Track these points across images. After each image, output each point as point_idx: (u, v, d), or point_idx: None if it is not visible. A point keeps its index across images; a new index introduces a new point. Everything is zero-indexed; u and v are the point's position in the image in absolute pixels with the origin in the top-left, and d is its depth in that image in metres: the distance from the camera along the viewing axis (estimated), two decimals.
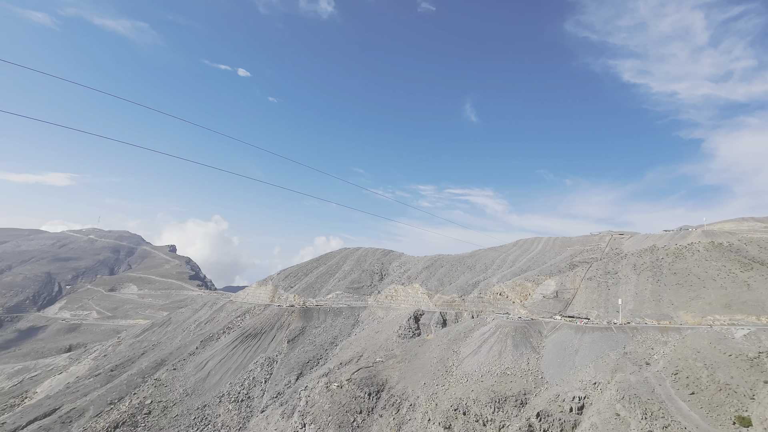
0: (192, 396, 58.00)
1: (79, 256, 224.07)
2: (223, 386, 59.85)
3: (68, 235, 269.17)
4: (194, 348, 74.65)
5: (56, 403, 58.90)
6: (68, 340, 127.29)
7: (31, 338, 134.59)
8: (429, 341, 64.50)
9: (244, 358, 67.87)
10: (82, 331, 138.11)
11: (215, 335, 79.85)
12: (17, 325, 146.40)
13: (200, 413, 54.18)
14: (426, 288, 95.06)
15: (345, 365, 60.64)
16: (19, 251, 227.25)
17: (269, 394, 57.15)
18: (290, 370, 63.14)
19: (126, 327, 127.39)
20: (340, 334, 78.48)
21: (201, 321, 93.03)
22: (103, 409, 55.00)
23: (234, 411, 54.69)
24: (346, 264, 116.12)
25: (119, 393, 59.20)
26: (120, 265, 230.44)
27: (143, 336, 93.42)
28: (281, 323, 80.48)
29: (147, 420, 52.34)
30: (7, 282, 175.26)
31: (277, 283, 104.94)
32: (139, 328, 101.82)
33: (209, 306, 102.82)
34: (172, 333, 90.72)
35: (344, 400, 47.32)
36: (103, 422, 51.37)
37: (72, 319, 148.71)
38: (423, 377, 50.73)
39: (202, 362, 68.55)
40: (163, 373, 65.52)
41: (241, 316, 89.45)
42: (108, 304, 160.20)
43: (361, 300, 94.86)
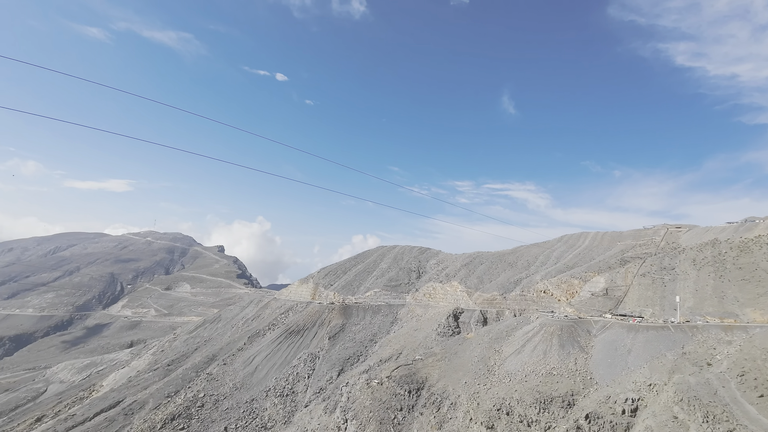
0: (241, 390, 60.87)
1: (138, 257, 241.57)
2: (269, 381, 62.28)
3: (128, 238, 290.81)
4: (242, 344, 78.17)
5: (120, 396, 63.95)
6: (130, 337, 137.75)
7: (97, 335, 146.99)
8: (469, 340, 63.46)
9: (288, 354, 70.22)
10: (142, 328, 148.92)
11: (261, 331, 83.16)
12: (85, 322, 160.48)
13: (248, 407, 56.77)
14: (465, 286, 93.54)
15: (385, 362, 61.12)
16: (86, 253, 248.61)
17: (312, 389, 58.86)
18: (332, 366, 64.58)
19: (180, 324, 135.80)
20: (379, 331, 79.13)
21: (248, 318, 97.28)
22: (162, 401, 59.01)
23: (279, 405, 56.83)
24: (383, 262, 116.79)
25: (175, 386, 63.21)
26: (174, 265, 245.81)
27: (196, 332, 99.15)
28: (322, 320, 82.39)
29: (200, 413, 55.57)
30: (77, 282, 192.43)
31: (318, 281, 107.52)
32: (193, 325, 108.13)
33: (255, 303, 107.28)
34: (222, 329, 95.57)
35: (385, 397, 47.68)
36: (161, 414, 55.14)
37: (133, 317, 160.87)
38: (464, 376, 50.02)
39: (249, 357, 71.67)
40: (214, 367, 69.24)
41: (285, 313, 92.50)
42: (164, 302, 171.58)
43: (398, 298, 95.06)
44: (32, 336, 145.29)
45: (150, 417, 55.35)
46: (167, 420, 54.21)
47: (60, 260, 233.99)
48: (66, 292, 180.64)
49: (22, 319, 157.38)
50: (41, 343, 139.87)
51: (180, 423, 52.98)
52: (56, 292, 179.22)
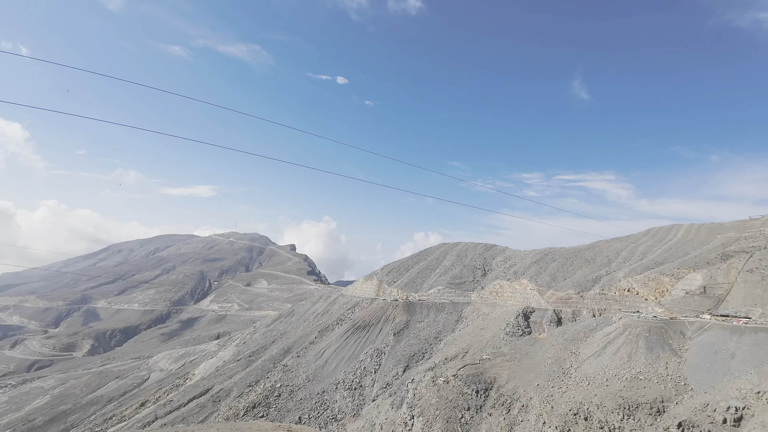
0: (313, 382, 64.02)
1: (222, 256, 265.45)
2: (339, 374, 64.68)
3: (214, 239, 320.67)
4: (313, 337, 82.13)
5: (209, 384, 70.78)
6: (217, 329, 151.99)
7: (190, 327, 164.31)
8: (541, 340, 59.97)
9: (355, 349, 72.28)
10: (227, 321, 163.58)
11: (330, 326, 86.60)
12: (180, 316, 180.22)
13: (320, 398, 59.52)
14: (536, 284, 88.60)
15: (450, 361, 60.21)
16: (180, 253, 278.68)
17: (379, 384, 60.01)
18: (397, 362, 65.22)
19: (259, 317, 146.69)
20: (443, 329, 78.14)
21: (318, 313, 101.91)
22: (244, 390, 64.21)
23: (348, 398, 58.80)
24: (446, 259, 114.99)
25: (256, 377, 68.36)
26: (253, 263, 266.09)
27: (273, 326, 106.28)
28: (387, 316, 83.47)
29: (277, 402, 59.51)
30: (173, 280, 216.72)
31: (381, 278, 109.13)
32: (270, 319, 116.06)
33: (324, 299, 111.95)
34: (296, 323, 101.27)
35: (451, 395, 46.94)
36: (244, 402, 60.02)
37: (219, 311, 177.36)
38: (536, 378, 47.39)
39: (320, 351, 75.04)
40: (289, 359, 73.65)
41: (351, 308, 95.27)
42: (245, 298, 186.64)
43: (463, 295, 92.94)
44: (137, 328, 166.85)
45: (234, 404, 60.46)
46: (249, 408, 58.81)
47: (159, 260, 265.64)
48: (164, 288, 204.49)
49: (129, 313, 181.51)
50: (145, 335, 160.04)
51: (260, 411, 57.25)
52: (156, 289, 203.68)
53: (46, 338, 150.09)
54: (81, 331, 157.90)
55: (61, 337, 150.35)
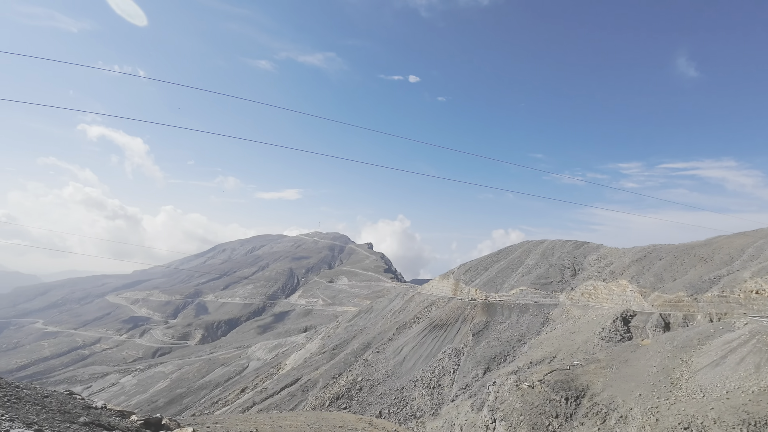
0: (392, 378, 64.77)
1: (308, 254, 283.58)
2: (417, 372, 64.51)
3: (301, 238, 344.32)
4: (391, 334, 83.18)
5: (298, 374, 75.73)
6: (304, 323, 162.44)
7: (282, 321, 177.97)
8: (644, 347, 52.92)
9: (433, 347, 71.48)
10: (313, 315, 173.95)
11: (407, 324, 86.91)
12: (273, 310, 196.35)
13: (399, 394, 59.95)
14: (637, 285, 78.77)
15: (536, 365, 56.15)
16: (272, 252, 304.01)
17: (458, 385, 58.42)
18: (477, 364, 62.89)
19: (341, 313, 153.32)
20: (527, 331, 73.34)
21: (395, 310, 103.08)
22: (329, 382, 67.42)
23: (427, 396, 58.25)
24: (529, 258, 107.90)
25: (339, 369, 71.35)
26: (335, 261, 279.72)
27: (353, 321, 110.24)
28: (465, 316, 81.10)
29: (359, 395, 61.36)
30: (266, 276, 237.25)
31: (458, 277, 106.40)
32: (351, 314, 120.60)
33: (401, 297, 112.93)
34: (374, 319, 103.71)
35: (537, 401, 43.71)
36: (329, 393, 62.99)
37: (306, 305, 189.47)
38: (637, 387, 41.92)
39: (398, 347, 75.69)
40: (369, 354, 75.55)
41: (428, 307, 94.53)
42: (329, 293, 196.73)
43: (549, 297, 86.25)
44: (238, 320, 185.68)
45: (320, 395, 63.81)
46: (333, 399, 61.55)
47: (255, 258, 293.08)
48: (260, 284, 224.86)
49: (232, 306, 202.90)
50: (244, 326, 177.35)
51: (343, 403, 59.58)
52: (254, 285, 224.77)
53: (167, 328, 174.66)
54: (194, 322, 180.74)
55: (178, 328, 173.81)
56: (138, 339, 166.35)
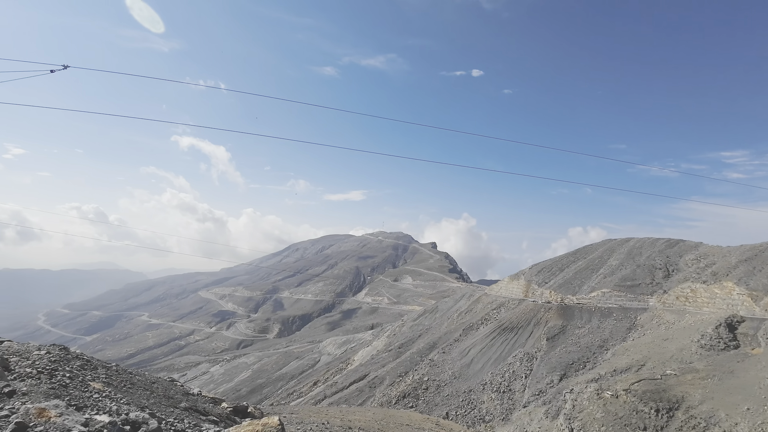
0: (459, 379, 63.70)
1: (373, 254, 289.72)
2: (485, 375, 62.70)
3: (366, 238, 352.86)
4: (458, 335, 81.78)
5: (366, 370, 77.71)
6: (371, 320, 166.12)
7: (350, 318, 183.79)
8: (755, 356, 45.89)
9: (502, 351, 68.94)
10: (379, 313, 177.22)
11: (474, 325, 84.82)
12: (341, 307, 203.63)
13: (467, 397, 58.77)
14: (746, 287, 68.60)
15: (621, 373, 51.39)
16: (340, 251, 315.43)
17: (531, 390, 55.62)
18: (552, 369, 59.31)
19: (406, 312, 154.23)
20: (610, 337, 67.44)
21: (461, 311, 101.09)
22: (395, 380, 68.28)
23: (497, 400, 56.33)
24: (612, 258, 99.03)
25: (405, 368, 71.94)
26: (399, 260, 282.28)
27: (418, 320, 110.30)
28: (538, 319, 76.95)
29: (425, 395, 61.31)
30: (335, 274, 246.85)
31: (530, 278, 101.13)
32: (415, 314, 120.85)
33: (467, 297, 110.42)
34: (439, 320, 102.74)
35: (621, 412, 40.08)
36: (395, 391, 63.80)
37: (372, 303, 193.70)
38: (744, 401, 36.50)
39: (465, 349, 74.21)
40: (435, 355, 75.11)
41: (497, 309, 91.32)
42: (394, 292, 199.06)
43: (637, 300, 78.41)
44: (310, 316, 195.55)
45: (387, 392, 64.89)
46: (400, 397, 62.23)
47: (325, 257, 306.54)
48: (330, 282, 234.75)
49: (305, 302, 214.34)
50: (316, 322, 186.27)
51: (409, 401, 59.98)
52: (324, 282, 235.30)
53: (249, 322, 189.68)
54: (271, 317, 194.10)
55: (258, 322, 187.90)
56: (225, 331, 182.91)
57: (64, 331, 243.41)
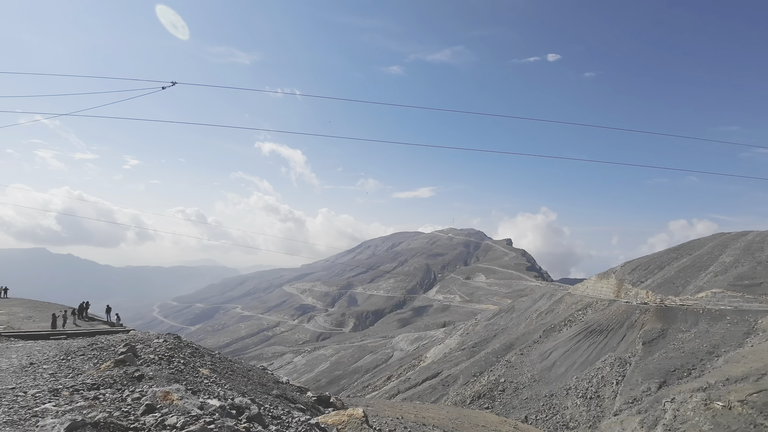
0: (539, 383, 60.49)
1: (443, 251, 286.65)
2: (569, 379, 58.72)
3: (435, 235, 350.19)
4: (537, 336, 77.66)
5: (438, 368, 77.43)
6: (442, 318, 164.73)
7: (421, 315, 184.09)
8: None
9: (589, 354, 63.94)
10: (451, 311, 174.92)
11: (556, 327, 79.85)
12: (412, 304, 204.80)
13: (548, 401, 55.60)
14: None
15: (735, 383, 44.61)
16: (410, 248, 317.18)
17: (623, 398, 50.73)
18: (648, 376, 53.53)
19: (480, 311, 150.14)
20: (722, 342, 58.87)
21: (541, 311, 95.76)
22: (469, 379, 67.06)
23: (582, 407, 52.41)
24: (725, 254, 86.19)
25: (479, 368, 70.31)
26: (470, 257, 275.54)
27: (493, 320, 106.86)
28: (632, 322, 69.97)
29: (501, 396, 59.27)
30: (405, 271, 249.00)
31: (622, 277, 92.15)
32: (490, 313, 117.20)
33: (547, 297, 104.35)
34: (516, 320, 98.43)
35: (735, 425, 35.01)
36: (470, 391, 62.64)
37: (443, 301, 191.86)
38: None
39: (546, 351, 70.24)
40: (512, 356, 72.22)
41: (582, 309, 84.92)
42: (466, 290, 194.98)
43: (756, 301, 67.40)
44: (383, 312, 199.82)
45: (461, 391, 64.02)
46: (475, 397, 61.01)
47: (395, 254, 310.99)
48: (400, 278, 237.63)
49: (377, 298, 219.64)
50: (388, 318, 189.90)
51: (484, 402, 58.49)
52: (395, 279, 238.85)
53: (327, 315, 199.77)
54: (347, 311, 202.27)
55: (335, 316, 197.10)
56: (306, 324, 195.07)
57: (174, 322, 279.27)
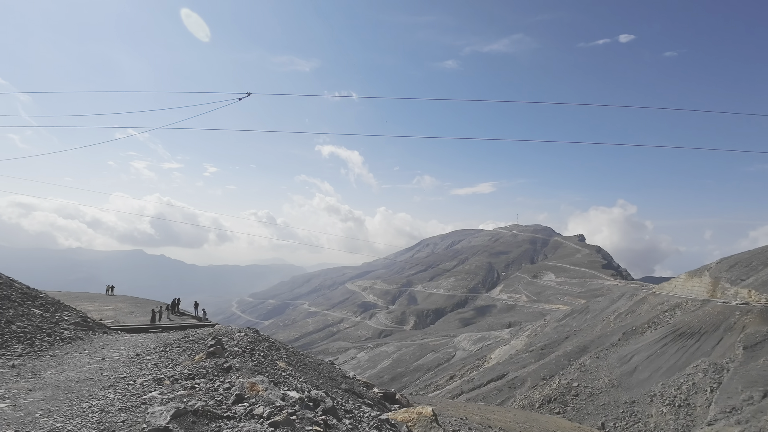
0: (618, 388, 56.04)
1: (506, 249, 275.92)
2: (654, 385, 53.68)
3: (498, 232, 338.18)
4: (616, 339, 72.01)
5: (504, 370, 74.89)
6: (507, 318, 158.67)
7: (484, 315, 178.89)
8: None
9: (678, 359, 57.88)
10: (516, 312, 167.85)
11: (638, 329, 73.40)
12: (474, 303, 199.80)
13: (628, 408, 51.31)
14: None
15: None
16: (470, 246, 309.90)
17: (718, 407, 45.12)
18: (750, 384, 47.12)
19: (548, 311, 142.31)
20: None
21: (620, 312, 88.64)
22: (538, 382, 64.04)
23: (669, 416, 47.55)
24: None
25: (549, 371, 66.86)
26: (537, 255, 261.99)
27: (564, 321, 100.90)
28: (730, 324, 62.14)
29: (575, 402, 55.78)
30: (466, 270, 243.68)
31: (718, 275, 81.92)
32: (561, 314, 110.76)
33: (627, 297, 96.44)
34: (591, 321, 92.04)
35: None
36: (538, 394, 59.78)
37: (508, 301, 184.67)
38: None
39: (626, 355, 64.94)
40: (586, 359, 67.70)
41: (669, 311, 77.14)
42: (533, 290, 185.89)
43: None
44: (443, 310, 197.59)
45: (529, 394, 61.39)
46: (544, 401, 58.11)
47: (455, 252, 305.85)
48: (461, 277, 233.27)
49: (437, 297, 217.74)
50: (449, 317, 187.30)
51: (555, 407, 55.45)
52: (455, 277, 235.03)
53: (388, 313, 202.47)
54: (407, 309, 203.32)
55: (396, 313, 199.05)
56: (368, 321, 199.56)
57: (249, 316, 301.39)
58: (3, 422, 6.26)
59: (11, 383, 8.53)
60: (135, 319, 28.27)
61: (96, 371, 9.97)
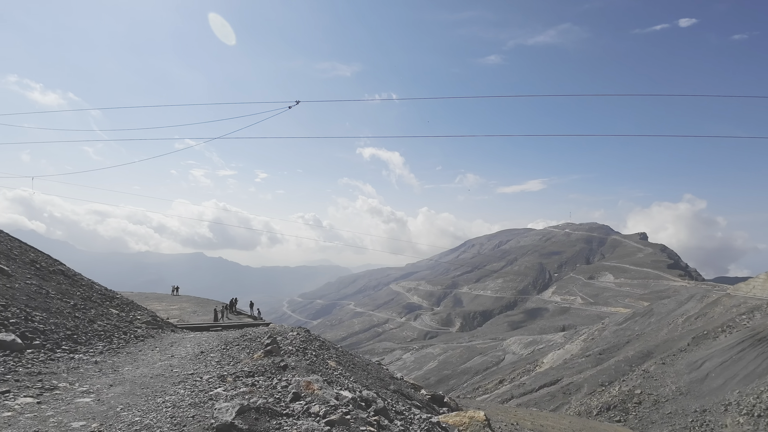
0: (686, 396, 51.61)
1: (559, 249, 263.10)
2: (729, 394, 48.90)
3: (549, 231, 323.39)
4: (685, 344, 66.41)
5: (558, 375, 71.57)
6: (561, 321, 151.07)
7: (535, 317, 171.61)
8: None
9: (757, 366, 52.30)
10: (571, 314, 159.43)
11: (710, 333, 67.20)
12: (524, 305, 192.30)
13: (699, 417, 47.09)
14: None
15: None
16: (519, 246, 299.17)
17: None
18: None
19: (607, 314, 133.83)
20: None
21: (689, 315, 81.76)
22: (596, 388, 60.54)
23: (747, 425, 42.95)
24: None
25: (608, 377, 63.02)
26: (594, 254, 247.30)
27: (625, 324, 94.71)
28: None
29: (637, 410, 52.10)
30: (515, 270, 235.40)
31: None
32: (621, 317, 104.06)
33: (697, 299, 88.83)
34: (656, 325, 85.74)
35: None
36: (596, 401, 56.44)
37: (562, 303, 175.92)
38: None
39: (696, 361, 59.71)
40: (650, 365, 63.09)
41: (747, 313, 69.98)
42: (589, 291, 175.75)
43: None
44: (491, 312, 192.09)
45: (585, 401, 58.18)
46: (603, 408, 54.81)
47: (503, 253, 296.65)
48: (510, 278, 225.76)
49: (484, 298, 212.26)
50: (497, 319, 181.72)
51: (615, 414, 52.11)
52: (503, 279, 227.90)
53: (433, 314, 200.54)
54: (452, 311, 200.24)
55: (441, 315, 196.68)
56: (412, 322, 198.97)
57: (299, 316, 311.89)
58: (89, 416, 6.60)
59: (95, 378, 9.18)
60: (198, 318, 30.48)
61: (167, 368, 10.73)
